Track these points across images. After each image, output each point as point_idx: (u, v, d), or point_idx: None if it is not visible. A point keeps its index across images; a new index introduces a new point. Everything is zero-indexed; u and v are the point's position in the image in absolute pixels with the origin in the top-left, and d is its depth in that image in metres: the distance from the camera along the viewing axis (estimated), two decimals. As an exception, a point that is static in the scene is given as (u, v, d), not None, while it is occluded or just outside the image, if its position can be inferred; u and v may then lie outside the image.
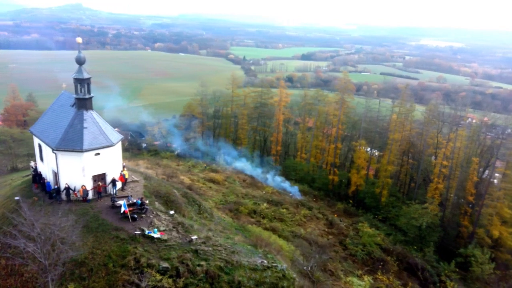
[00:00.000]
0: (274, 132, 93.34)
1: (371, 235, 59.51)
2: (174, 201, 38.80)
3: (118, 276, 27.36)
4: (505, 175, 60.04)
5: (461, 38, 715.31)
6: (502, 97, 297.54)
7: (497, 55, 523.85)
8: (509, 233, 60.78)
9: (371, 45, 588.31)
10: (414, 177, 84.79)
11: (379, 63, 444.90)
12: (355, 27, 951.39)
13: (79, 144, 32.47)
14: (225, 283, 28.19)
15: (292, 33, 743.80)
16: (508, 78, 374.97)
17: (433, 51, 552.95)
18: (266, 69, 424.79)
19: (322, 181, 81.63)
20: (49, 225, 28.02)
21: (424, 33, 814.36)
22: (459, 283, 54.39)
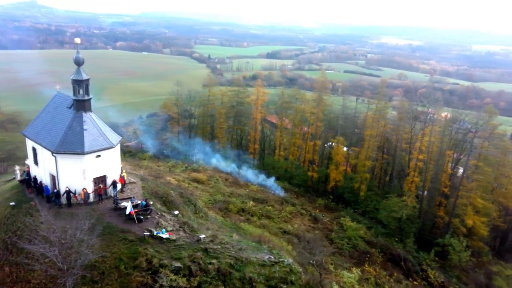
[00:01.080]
0: (251, 130, 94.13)
1: (354, 229, 61.51)
2: (172, 202, 38.86)
3: (131, 278, 27.36)
4: (477, 167, 63.42)
5: (419, 36, 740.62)
6: (459, 93, 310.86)
7: (453, 52, 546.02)
8: (481, 222, 64.24)
9: (334, 43, 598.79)
10: (388, 171, 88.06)
11: (342, 61, 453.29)
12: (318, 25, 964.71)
13: (80, 147, 32.01)
14: (237, 279, 28.75)
15: (256, 31, 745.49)
16: (464, 74, 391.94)
17: (393, 49, 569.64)
18: (232, 68, 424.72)
19: (301, 177, 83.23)
20: (67, 228, 27.46)
21: (385, 31, 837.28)
22: (439, 271, 57.18)
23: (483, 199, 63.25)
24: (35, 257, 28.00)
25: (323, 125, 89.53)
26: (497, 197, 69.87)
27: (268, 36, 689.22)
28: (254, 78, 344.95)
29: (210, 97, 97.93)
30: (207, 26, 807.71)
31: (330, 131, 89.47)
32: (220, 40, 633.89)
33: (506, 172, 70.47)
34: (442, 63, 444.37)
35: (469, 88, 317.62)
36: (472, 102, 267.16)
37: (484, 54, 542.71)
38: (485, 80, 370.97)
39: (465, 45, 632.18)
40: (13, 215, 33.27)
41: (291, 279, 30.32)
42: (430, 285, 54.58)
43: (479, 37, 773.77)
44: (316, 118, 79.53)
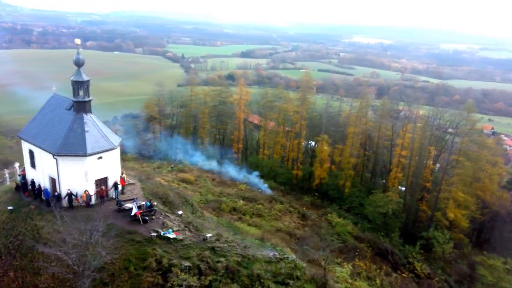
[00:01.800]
0: (235, 130, 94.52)
1: (342, 225, 62.90)
2: (172, 202, 38.97)
3: (142, 279, 27.45)
4: (458, 161, 65.88)
5: (390, 35, 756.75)
6: (430, 90, 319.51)
7: (422, 51, 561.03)
8: (462, 214, 66.82)
9: (307, 42, 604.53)
10: (370, 168, 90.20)
11: (316, 60, 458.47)
12: (290, 24, 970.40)
13: (82, 149, 31.70)
14: (245, 276, 29.22)
15: (229, 30, 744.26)
16: (433, 72, 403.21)
17: (365, 47, 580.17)
18: (206, 67, 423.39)
19: (286, 176, 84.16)
20: (83, 230, 27.27)
21: (356, 30, 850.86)
22: (424, 263, 59.23)
23: (463, 192, 65.78)
24: (46, 260, 27.68)
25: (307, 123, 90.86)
26: (475, 190, 72.61)
27: (241, 35, 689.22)
28: (230, 77, 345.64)
29: (193, 97, 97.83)
30: (179, 25, 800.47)
31: (313, 129, 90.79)
32: (193, 39, 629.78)
33: (483, 166, 73.33)
34: (412, 61, 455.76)
35: (439, 86, 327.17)
36: (442, 99, 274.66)
37: (452, 53, 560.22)
38: (454, 77, 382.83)
39: (433, 43, 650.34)
40: (12, 220, 32.69)
41: (296, 275, 31.03)
42: (417, 277, 56.50)
43: (447, 36, 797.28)
44: (301, 117, 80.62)
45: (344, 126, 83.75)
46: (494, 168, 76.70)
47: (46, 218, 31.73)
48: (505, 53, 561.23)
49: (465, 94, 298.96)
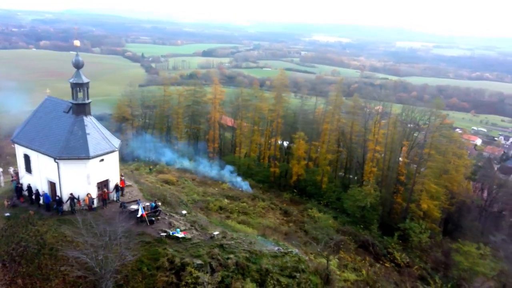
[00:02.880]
0: (210, 129, 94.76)
1: (324, 219, 64.81)
2: (170, 202, 39.16)
3: (156, 279, 27.76)
4: (430, 155, 69.35)
5: (348, 33, 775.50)
6: (389, 87, 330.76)
7: (379, 49, 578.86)
8: (434, 205, 70.42)
9: (268, 41, 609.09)
10: (343, 163, 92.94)
11: (278, 59, 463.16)
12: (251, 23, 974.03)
13: (84, 151, 31.40)
14: (255, 271, 30.12)
15: (190, 29, 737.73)
16: (391, 70, 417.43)
17: (324, 46, 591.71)
18: (167, 67, 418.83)
19: (263, 174, 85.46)
20: (104, 232, 27.12)
21: (315, 29, 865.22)
22: (403, 253, 62.11)
23: (435, 184, 69.37)
24: (55, 264, 27.43)
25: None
26: (444, 182, 76.58)
27: (202, 34, 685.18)
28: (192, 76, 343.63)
29: (166, 97, 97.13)
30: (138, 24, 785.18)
31: (286, 127, 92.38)
32: (153, 39, 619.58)
33: (451, 159, 77.51)
34: (370, 59, 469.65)
35: (397, 83, 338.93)
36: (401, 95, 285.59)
37: (407, 50, 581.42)
38: (410, 74, 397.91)
39: (390, 42, 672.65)
40: (10, 227, 31.95)
41: (301, 268, 32.20)
42: (397, 266, 59.20)
43: (402, 34, 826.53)
44: (277, 115, 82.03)
45: (318, 123, 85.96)
46: (460, 160, 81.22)
47: (48, 223, 31.26)
48: (456, 51, 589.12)
49: (422, 90, 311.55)
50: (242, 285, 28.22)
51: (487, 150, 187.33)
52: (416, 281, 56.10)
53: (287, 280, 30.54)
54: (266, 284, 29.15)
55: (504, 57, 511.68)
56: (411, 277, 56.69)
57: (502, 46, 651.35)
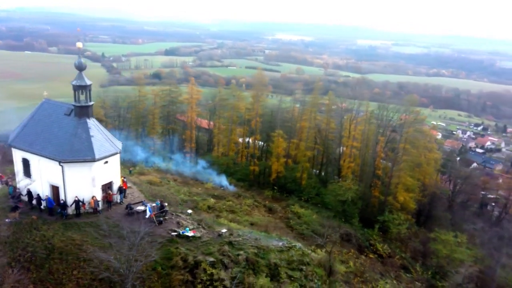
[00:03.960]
0: (187, 129, 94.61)
1: (308, 215, 66.49)
2: (169, 202, 39.30)
3: (172, 277, 28.16)
4: (405, 149, 72.45)
5: (310, 32, 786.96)
6: (351, 84, 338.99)
7: (341, 47, 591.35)
8: (410, 197, 73.67)
9: (232, 39, 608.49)
10: (319, 159, 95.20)
11: (242, 57, 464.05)
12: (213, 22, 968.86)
13: (90, 154, 31.18)
14: (264, 266, 31.06)
15: (151, 28, 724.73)
16: (353, 67, 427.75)
17: (288, 44, 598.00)
18: (130, 66, 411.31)
19: (243, 172, 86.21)
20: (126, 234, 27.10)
21: (278, 27, 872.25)
22: (384, 244, 64.74)
23: (411, 177, 72.60)
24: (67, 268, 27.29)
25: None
26: (417, 175, 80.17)
27: (163, 32, 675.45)
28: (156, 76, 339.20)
29: (141, 97, 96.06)
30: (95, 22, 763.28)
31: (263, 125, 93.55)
32: (113, 37, 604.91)
33: (422, 152, 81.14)
34: (333, 57, 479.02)
35: (360, 80, 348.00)
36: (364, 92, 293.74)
37: (368, 48, 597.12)
38: (371, 72, 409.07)
39: (350, 40, 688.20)
40: (14, 233, 31.31)
41: (306, 261, 33.40)
42: (380, 257, 61.70)
43: (362, 32, 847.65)
44: (256, 114, 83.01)
45: (296, 121, 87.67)
46: (431, 153, 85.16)
47: (54, 228, 30.89)
48: (414, 48, 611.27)
49: (384, 87, 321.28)
50: (254, 280, 29.01)
51: (447, 143, 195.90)
52: (399, 270, 58.77)
53: (294, 273, 31.62)
54: (278, 278, 30.08)
55: (458, 54, 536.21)
56: (393, 267, 59.31)
57: (456, 44, 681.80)
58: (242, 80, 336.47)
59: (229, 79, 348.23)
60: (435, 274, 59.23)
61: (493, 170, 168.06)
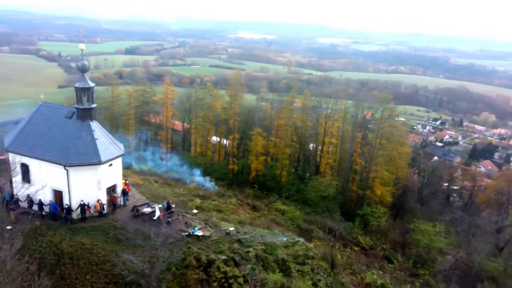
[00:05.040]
0: (163, 130, 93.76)
1: (292, 211, 67.79)
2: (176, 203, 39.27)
3: (187, 277, 28.41)
4: (381, 144, 75.22)
5: (272, 30, 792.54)
6: (315, 82, 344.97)
7: (302, 45, 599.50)
8: (386, 190, 76.58)
9: (193, 38, 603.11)
10: (295, 156, 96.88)
11: (205, 56, 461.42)
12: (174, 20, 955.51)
13: (96, 157, 30.75)
14: (273, 262, 31.91)
15: (109, 26, 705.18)
16: (315, 65, 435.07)
17: (250, 43, 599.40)
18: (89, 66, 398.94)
19: (221, 171, 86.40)
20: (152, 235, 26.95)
21: (240, 26, 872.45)
22: (366, 237, 67.01)
23: (387, 171, 75.44)
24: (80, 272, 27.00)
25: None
26: (391, 168, 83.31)
27: (123, 31, 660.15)
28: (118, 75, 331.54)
29: (114, 98, 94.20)
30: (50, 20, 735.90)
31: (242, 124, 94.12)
32: (69, 36, 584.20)
33: (396, 147, 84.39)
34: (295, 55, 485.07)
35: (322, 78, 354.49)
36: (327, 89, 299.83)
37: (328, 46, 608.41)
38: (333, 69, 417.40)
39: (311, 38, 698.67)
40: (17, 240, 30.51)
41: (311, 255, 34.46)
42: (363, 249, 63.86)
43: (322, 31, 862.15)
44: (234, 113, 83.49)
45: (273, 119, 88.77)
46: (402, 148, 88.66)
47: (60, 233, 30.35)
48: (372, 46, 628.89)
49: (346, 84, 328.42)
50: (266, 276, 29.73)
51: (409, 138, 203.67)
52: (382, 261, 61.10)
53: (302, 267, 32.59)
54: (288, 272, 30.95)
55: (415, 52, 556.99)
56: (377, 258, 61.59)
57: (412, 42, 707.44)
58: (206, 79, 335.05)
59: (193, 78, 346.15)
60: (416, 263, 61.96)
61: (453, 162, 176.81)
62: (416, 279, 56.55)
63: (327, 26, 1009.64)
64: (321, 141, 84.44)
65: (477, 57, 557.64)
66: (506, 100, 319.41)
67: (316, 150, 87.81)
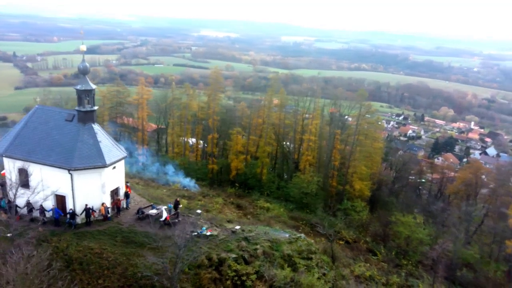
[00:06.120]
0: (138, 131, 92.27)
1: (276, 208, 68.59)
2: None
3: (200, 276, 28.49)
4: (359, 140, 77.32)
5: (236, 29, 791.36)
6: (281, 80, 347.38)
7: (266, 43, 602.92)
8: (364, 185, 78.80)
9: (156, 36, 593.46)
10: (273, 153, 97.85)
11: (169, 55, 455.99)
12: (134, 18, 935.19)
13: (100, 160, 30.15)
14: (279, 258, 32.48)
15: (66, 24, 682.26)
16: (280, 63, 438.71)
17: (214, 41, 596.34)
18: (47, 66, 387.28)
19: (201, 171, 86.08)
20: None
21: (203, 24, 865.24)
22: (349, 231, 68.76)
23: (365, 166, 77.65)
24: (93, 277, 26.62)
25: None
26: (368, 163, 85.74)
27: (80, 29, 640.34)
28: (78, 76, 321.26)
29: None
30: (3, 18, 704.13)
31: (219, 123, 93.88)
32: (24, 35, 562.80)
33: (372, 143, 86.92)
34: (260, 54, 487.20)
35: (288, 76, 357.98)
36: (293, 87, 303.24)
37: (292, 45, 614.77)
38: (298, 67, 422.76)
39: (275, 36, 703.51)
40: (19, 247, 29.55)
41: (314, 249, 35.28)
42: (347, 243, 65.56)
43: (285, 29, 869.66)
44: (213, 112, 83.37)
45: (252, 118, 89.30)
46: (376, 143, 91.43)
47: (66, 238, 29.65)
48: (335, 44, 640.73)
49: (311, 82, 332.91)
50: (276, 271, 30.26)
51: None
52: (366, 253, 62.90)
53: (306, 262, 33.34)
54: (295, 267, 31.59)
55: (376, 49, 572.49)
56: (361, 251, 63.32)
57: (373, 40, 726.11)
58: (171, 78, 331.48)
59: (157, 77, 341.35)
60: (398, 254, 64.21)
61: (417, 156, 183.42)
62: (400, 269, 58.67)
63: (289, 25, 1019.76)
64: (298, 138, 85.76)
65: (434, 54, 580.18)
66: (463, 95, 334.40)
67: (294, 148, 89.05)
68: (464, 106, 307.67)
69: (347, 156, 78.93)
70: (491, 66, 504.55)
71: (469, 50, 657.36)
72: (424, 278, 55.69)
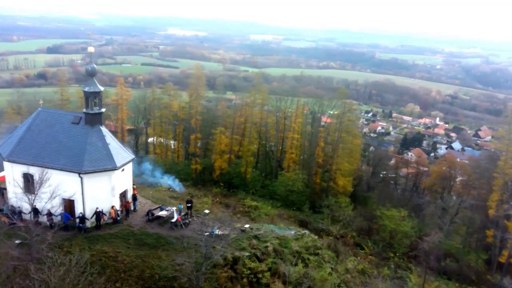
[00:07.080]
0: (118, 133, 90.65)
1: (264, 207, 69.19)
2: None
3: (217, 276, 28.74)
4: (341, 137, 79.03)
5: (203, 27, 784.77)
6: (252, 78, 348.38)
7: (235, 42, 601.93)
8: (347, 181, 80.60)
9: (121, 35, 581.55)
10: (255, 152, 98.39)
11: (136, 54, 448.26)
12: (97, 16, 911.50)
13: (110, 163, 29.77)
14: (289, 254, 33.11)
15: (25, 23, 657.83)
16: (250, 62, 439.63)
17: (182, 40, 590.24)
18: (8, 66, 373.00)
19: (185, 171, 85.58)
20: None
21: (169, 22, 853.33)
22: (336, 226, 70.20)
23: (348, 163, 79.44)
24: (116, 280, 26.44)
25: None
26: (351, 160, 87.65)
27: (42, 28, 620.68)
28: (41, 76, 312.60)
29: (63, 100, 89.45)
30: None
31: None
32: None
33: (352, 140, 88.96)
34: (229, 52, 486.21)
35: (258, 74, 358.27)
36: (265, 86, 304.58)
37: (261, 43, 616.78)
38: (267, 66, 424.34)
39: (243, 35, 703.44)
40: (28, 254, 28.92)
41: (319, 245, 36.15)
42: (335, 238, 66.98)
43: (253, 27, 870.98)
44: (196, 112, 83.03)
45: (234, 117, 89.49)
46: (356, 139, 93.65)
47: (77, 243, 29.23)
48: (303, 43, 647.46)
49: (281, 80, 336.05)
50: (288, 268, 30.87)
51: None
52: (354, 248, 64.61)
53: (314, 258, 34.14)
54: (305, 263, 32.29)
55: (343, 48, 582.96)
56: (349, 245, 64.94)
57: (339, 38, 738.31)
58: (139, 78, 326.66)
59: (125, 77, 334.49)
60: (384, 247, 66.22)
61: (388, 151, 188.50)
62: (387, 262, 60.59)
63: (256, 23, 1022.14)
64: (281, 137, 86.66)
65: (398, 52, 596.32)
66: (427, 91, 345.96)
67: (276, 146, 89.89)
68: (429, 103, 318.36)
69: (329, 153, 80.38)
70: (453, 63, 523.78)
71: (432, 48, 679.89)
72: (412, 269, 57.68)
